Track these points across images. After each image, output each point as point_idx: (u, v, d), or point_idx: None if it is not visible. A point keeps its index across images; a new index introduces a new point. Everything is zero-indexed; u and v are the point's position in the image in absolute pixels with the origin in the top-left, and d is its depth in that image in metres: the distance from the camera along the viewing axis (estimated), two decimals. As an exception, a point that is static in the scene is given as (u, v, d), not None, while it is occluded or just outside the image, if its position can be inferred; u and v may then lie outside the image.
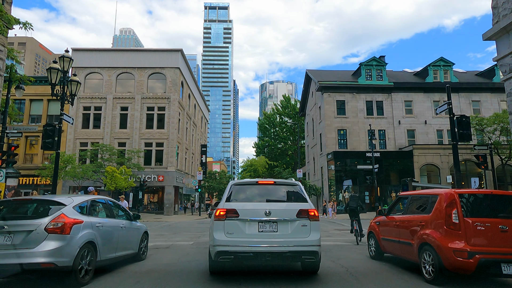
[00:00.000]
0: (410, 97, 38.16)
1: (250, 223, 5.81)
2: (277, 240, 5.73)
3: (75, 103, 37.73)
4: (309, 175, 46.18)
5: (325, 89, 37.87)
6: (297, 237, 5.78)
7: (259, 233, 5.77)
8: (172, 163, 37.53)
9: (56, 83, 9.94)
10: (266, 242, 5.72)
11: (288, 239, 5.76)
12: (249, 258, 5.70)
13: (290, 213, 5.90)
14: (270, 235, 5.77)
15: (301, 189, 6.48)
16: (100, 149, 32.80)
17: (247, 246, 5.66)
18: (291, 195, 6.40)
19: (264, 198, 6.28)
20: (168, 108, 38.40)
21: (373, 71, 38.36)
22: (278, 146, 61.64)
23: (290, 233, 5.80)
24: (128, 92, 38.82)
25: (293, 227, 5.84)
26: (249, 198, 6.29)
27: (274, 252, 5.65)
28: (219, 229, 5.84)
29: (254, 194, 6.42)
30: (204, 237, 13.66)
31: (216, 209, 6.07)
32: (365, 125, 37.30)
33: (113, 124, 38.04)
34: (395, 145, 36.88)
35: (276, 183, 6.63)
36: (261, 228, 5.80)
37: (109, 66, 38.91)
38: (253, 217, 5.83)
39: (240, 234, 5.75)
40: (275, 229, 5.80)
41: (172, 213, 37.10)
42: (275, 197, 6.35)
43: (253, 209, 5.95)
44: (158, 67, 39.11)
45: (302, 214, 5.89)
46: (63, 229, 5.22)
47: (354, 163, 35.84)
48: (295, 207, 5.99)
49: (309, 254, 5.75)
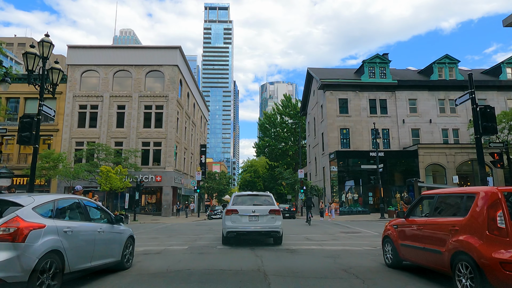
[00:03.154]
0: (415, 95, 37.16)
1: (244, 216, 10.39)
2: (259, 225, 10.37)
3: (70, 101, 36.80)
4: (310, 176, 45.17)
5: (327, 87, 36.88)
6: (269, 224, 10.40)
7: (249, 222, 10.37)
8: (170, 163, 36.52)
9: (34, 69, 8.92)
10: (253, 226, 10.36)
11: (264, 224, 10.38)
12: (244, 234, 10.52)
13: (265, 211, 10.48)
14: (254, 223, 10.40)
15: (271, 197, 11.41)
16: (96, 149, 31.82)
17: (242, 228, 10.33)
18: (265, 201, 11.14)
19: (251, 203, 11.01)
20: (166, 107, 37.41)
21: (376, 69, 37.37)
22: (278, 147, 60.64)
23: (265, 221, 10.42)
24: (125, 90, 37.84)
25: (267, 218, 10.42)
26: (243, 203, 10.96)
27: (257, 231, 10.39)
28: (228, 219, 10.49)
29: (246, 200, 11.17)
30: (200, 241, 12.66)
31: (225, 210, 10.85)
32: (368, 124, 36.32)
33: (110, 123, 37.06)
34: (399, 144, 35.87)
35: (258, 195, 11.68)
36: (250, 219, 10.40)
37: (105, 64, 37.94)
38: (246, 213, 10.42)
39: (239, 222, 10.37)
40: (257, 220, 10.42)
41: (170, 214, 36.08)
42: (257, 202, 11.03)
43: (245, 209, 10.54)
44: (156, 65, 38.14)
45: (271, 212, 10.48)
46: (15, 236, 4.18)
47: (357, 163, 34.84)
48: (268, 208, 10.63)
49: (276, 233, 10.59)
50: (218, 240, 12.16)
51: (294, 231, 16.37)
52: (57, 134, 36.49)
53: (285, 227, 19.03)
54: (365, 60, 37.36)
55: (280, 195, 75.02)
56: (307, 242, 11.98)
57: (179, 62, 38.85)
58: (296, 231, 16.35)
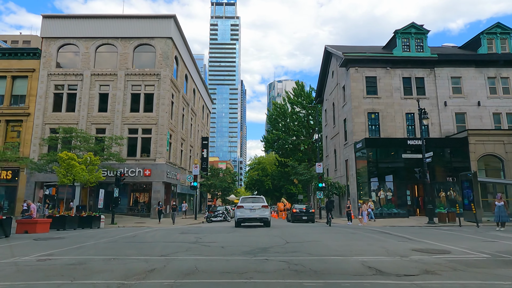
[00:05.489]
0: (458, 72, 30.51)
1: (246, 210, 18.43)
2: (256, 215, 18.21)
3: (44, 81, 30.93)
4: (328, 172, 38.67)
5: (352, 63, 30.45)
6: (261, 214, 18.20)
7: (250, 213, 18.26)
8: (161, 154, 30.39)
9: None
10: (252, 215, 18.25)
11: (259, 214, 18.18)
12: (247, 220, 18.60)
13: (259, 206, 18.46)
14: (253, 213, 18.26)
15: (263, 198, 19.61)
16: (69, 134, 25.88)
17: (246, 216, 18.33)
18: (260, 200, 19.19)
19: (251, 201, 19.11)
20: (157, 87, 31.31)
21: (412, 41, 30.81)
22: (289, 140, 54.18)
23: (259, 212, 18.22)
24: (109, 67, 31.87)
25: (260, 210, 18.32)
26: (247, 201, 19.12)
27: (254, 218, 18.27)
28: (238, 212, 18.60)
29: (249, 199, 19.57)
30: (170, 264, 6.50)
31: (236, 206, 19.68)
32: (401, 107, 29.83)
33: (91, 107, 31.10)
34: (440, 131, 29.28)
35: (255, 196, 20.43)
36: (251, 211, 18.33)
37: (86, 37, 32.02)
38: (248, 208, 18.47)
39: (244, 213, 18.35)
40: (255, 211, 18.32)
41: (162, 216, 29.86)
42: (255, 201, 18.99)
43: (248, 205, 18.59)
44: (146, 37, 32.10)
45: (262, 206, 18.48)
46: None
47: (390, 154, 28.36)
48: (260, 204, 18.62)
49: (266, 219, 18.31)
50: (202, 273, 6.03)
51: (331, 246, 10.02)
52: (27, 119, 30.63)
53: (311, 236, 12.68)
54: (398, 30, 30.83)
55: (290, 195, 68.19)
56: (381, 284, 5.59)
57: (174, 35, 32.73)
58: (333, 246, 9.99)
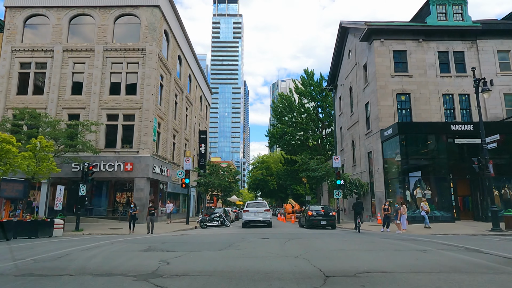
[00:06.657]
0: (506, 45, 25.18)
1: (251, 213, 23.15)
2: (259, 218, 22.99)
3: (8, 58, 25.82)
4: (344, 167, 33.26)
5: (376, 34, 25.17)
6: (264, 217, 23.02)
7: (254, 216, 23.08)
8: (146, 144, 25.17)
9: None
10: (257, 218, 23.05)
11: (262, 217, 23.02)
12: (252, 222, 23.24)
13: (262, 209, 23.38)
14: (257, 216, 23.06)
15: (266, 203, 25.89)
16: (28, 118, 20.75)
17: (252, 219, 23.11)
18: (263, 205, 24.55)
19: (255, 205, 24.18)
20: (142, 64, 26.13)
21: (449, 8, 25.50)
22: (297, 136, 48.85)
23: (262, 215, 23.07)
24: (85, 42, 26.74)
25: (263, 214, 23.12)
26: (251, 206, 23.99)
27: (258, 220, 23.03)
28: (244, 215, 23.34)
29: (253, 204, 24.57)
30: None
31: (243, 210, 24.35)
32: (437, 87, 24.55)
33: (62, 88, 25.96)
34: (486, 115, 23.92)
35: (259, 202, 26.01)
36: (255, 215, 23.09)
37: (58, 5, 26.91)
38: (253, 211, 23.20)
39: (249, 216, 23.15)
40: (258, 214, 23.08)
41: (144, 220, 24.59)
42: (259, 206, 24.17)
43: (253, 208, 23.47)
44: (129, 6, 26.94)
45: (265, 210, 23.31)
46: None
47: (426, 144, 23.01)
48: (263, 208, 23.65)
49: (268, 221, 23.12)
50: None
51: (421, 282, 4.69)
52: (-14, 102, 25.50)
53: (356, 255, 7.49)
54: (432, -5, 25.48)
55: (297, 196, 62.34)
56: None
57: (162, 3, 27.54)
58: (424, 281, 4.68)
